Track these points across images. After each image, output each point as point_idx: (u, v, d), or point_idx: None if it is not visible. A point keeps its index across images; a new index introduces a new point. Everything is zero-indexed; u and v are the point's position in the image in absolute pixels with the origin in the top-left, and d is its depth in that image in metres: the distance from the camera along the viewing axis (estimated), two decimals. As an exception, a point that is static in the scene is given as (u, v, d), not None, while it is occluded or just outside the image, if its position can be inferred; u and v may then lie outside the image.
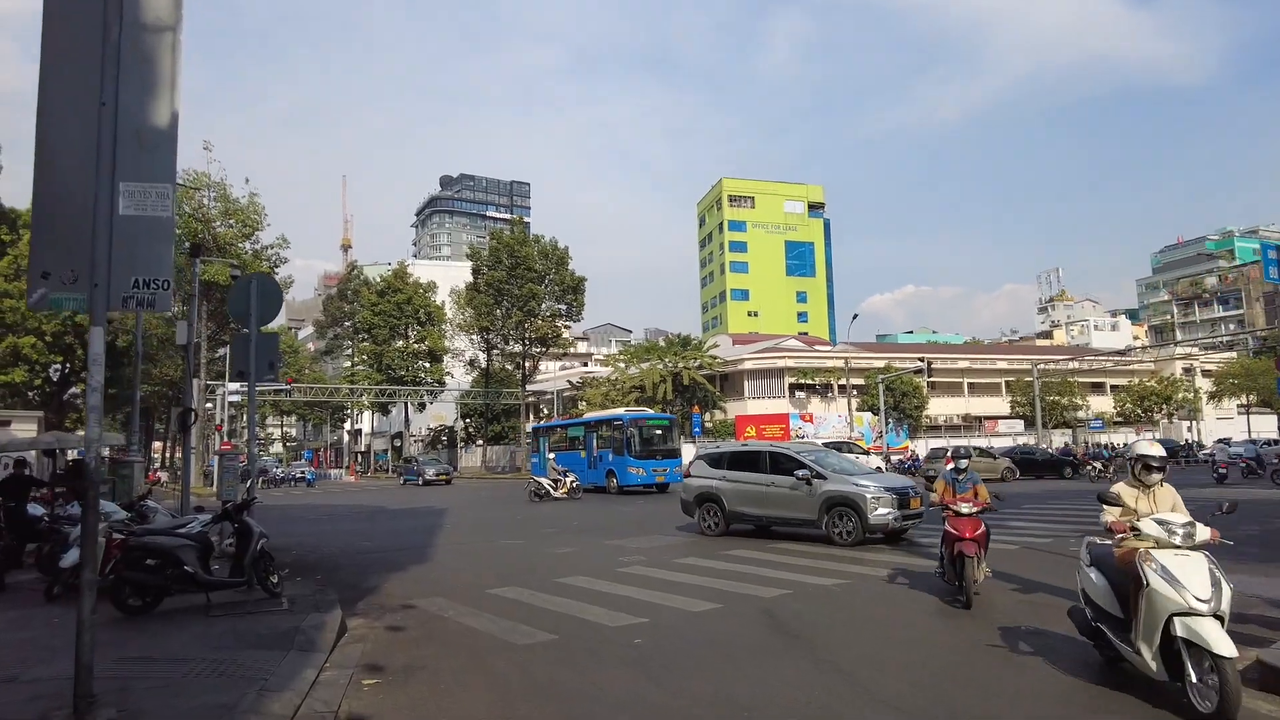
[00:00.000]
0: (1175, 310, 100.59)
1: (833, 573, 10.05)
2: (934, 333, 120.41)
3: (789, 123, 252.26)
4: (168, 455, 60.86)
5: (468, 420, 70.75)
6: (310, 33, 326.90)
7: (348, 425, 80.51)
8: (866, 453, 31.63)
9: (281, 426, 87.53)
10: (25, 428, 41.66)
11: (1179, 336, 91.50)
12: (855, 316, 44.26)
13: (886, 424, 51.06)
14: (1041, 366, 50.83)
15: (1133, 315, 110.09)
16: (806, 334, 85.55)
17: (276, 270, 46.87)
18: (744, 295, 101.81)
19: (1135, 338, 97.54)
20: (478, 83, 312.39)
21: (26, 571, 10.61)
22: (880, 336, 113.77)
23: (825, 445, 28.13)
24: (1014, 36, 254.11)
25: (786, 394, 54.63)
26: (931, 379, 55.15)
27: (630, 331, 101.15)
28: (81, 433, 6.79)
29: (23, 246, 47.60)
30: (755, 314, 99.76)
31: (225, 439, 42.37)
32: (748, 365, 55.39)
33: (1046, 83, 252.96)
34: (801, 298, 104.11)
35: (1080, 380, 60.44)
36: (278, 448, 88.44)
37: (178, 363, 46.89)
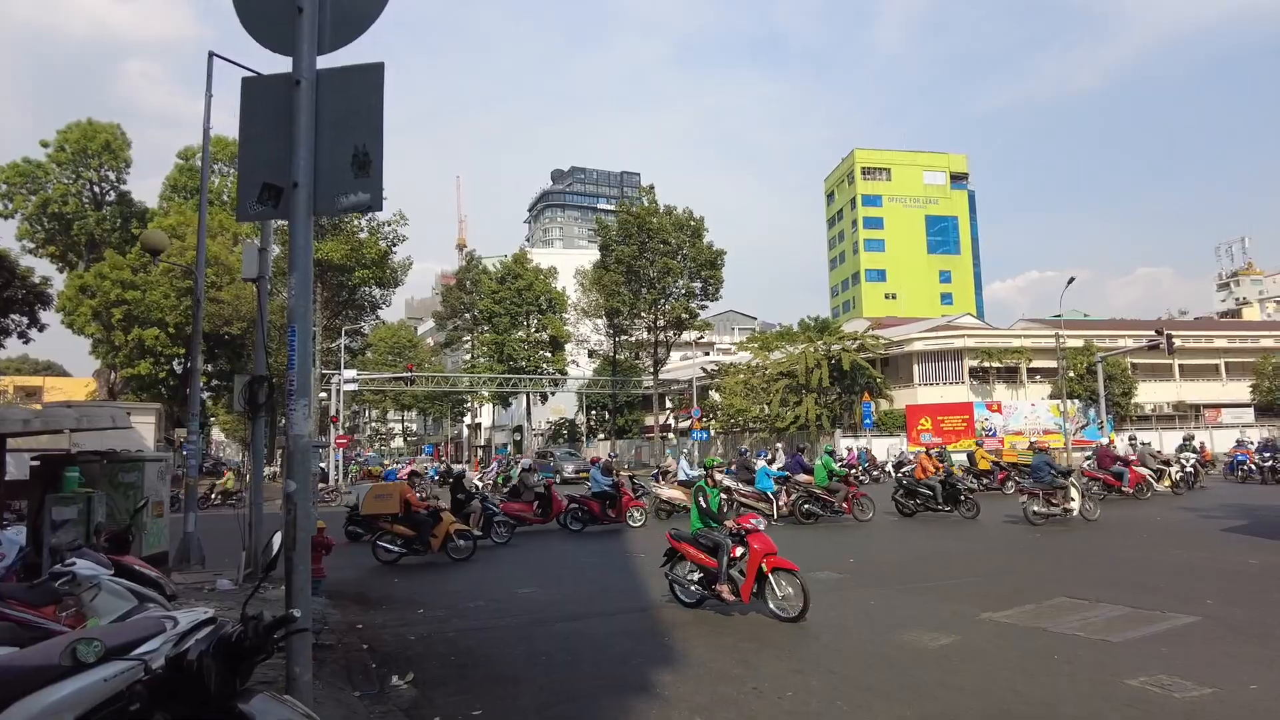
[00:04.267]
0: None
1: None
2: (1086, 315, 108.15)
3: (905, 105, 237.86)
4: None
5: (592, 413, 66.48)
6: (420, 40, 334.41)
7: (468, 419, 77.91)
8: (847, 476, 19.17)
9: (402, 421, 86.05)
10: (144, 419, 39.83)
11: None
12: (1071, 280, 36.36)
13: (1092, 414, 42.98)
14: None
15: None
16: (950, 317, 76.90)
17: (395, 249, 43.52)
18: (880, 276, 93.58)
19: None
20: (584, 78, 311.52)
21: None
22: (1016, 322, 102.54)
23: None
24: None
25: (966, 379, 47.09)
26: (1138, 360, 46.51)
27: (755, 319, 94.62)
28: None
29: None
30: (893, 296, 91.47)
31: (341, 431, 39.10)
32: (917, 346, 48.16)
33: (1181, 43, 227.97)
34: (945, 277, 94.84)
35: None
36: (399, 442, 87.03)
37: (296, 351, 44.28)
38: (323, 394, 40.91)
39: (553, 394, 63.44)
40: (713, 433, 49.68)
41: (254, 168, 3.41)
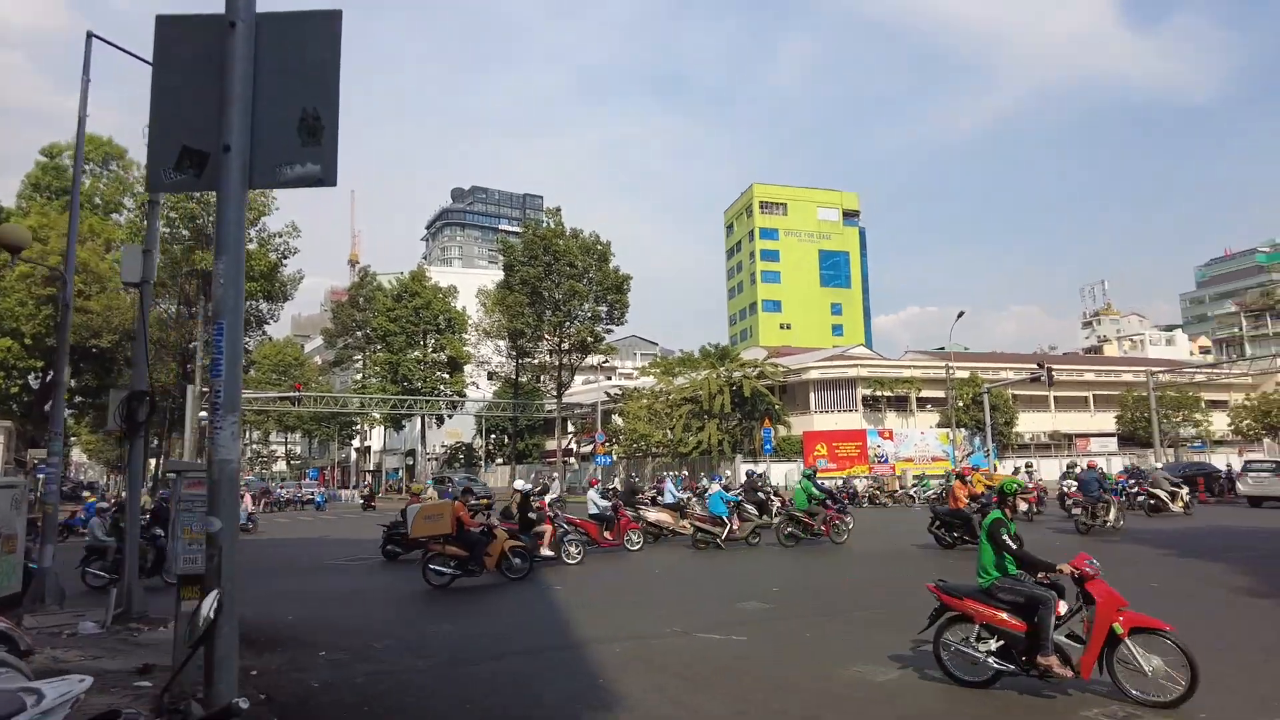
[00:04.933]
0: (1245, 322, 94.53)
1: None
2: (966, 348, 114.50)
3: (798, 143, 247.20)
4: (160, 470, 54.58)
5: (491, 436, 64.85)
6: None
7: (356, 442, 74.58)
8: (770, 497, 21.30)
9: (285, 444, 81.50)
10: (-11, 440, 35.99)
11: (1249, 351, 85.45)
12: (961, 314, 38.15)
13: (978, 441, 45.11)
14: (1160, 377, 44.73)
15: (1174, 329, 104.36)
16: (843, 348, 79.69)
17: (285, 262, 41.25)
18: (776, 306, 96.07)
19: (1192, 353, 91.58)
20: (485, 102, 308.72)
21: None
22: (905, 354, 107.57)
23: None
24: (1017, 53, 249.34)
25: (859, 407, 48.54)
26: (1018, 391, 49.22)
27: (656, 344, 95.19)
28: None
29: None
30: (788, 326, 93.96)
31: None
32: (813, 375, 49.41)
33: (1050, 100, 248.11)
34: (837, 309, 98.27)
35: (1171, 394, 54.37)
36: (281, 465, 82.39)
37: (172, 367, 41.21)
38: (202, 413, 38.04)
39: (450, 417, 61.50)
40: (615, 457, 49.30)
41: (171, 128, 2.78)
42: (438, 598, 12.12)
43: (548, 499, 19.36)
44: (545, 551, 14.89)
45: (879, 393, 48.95)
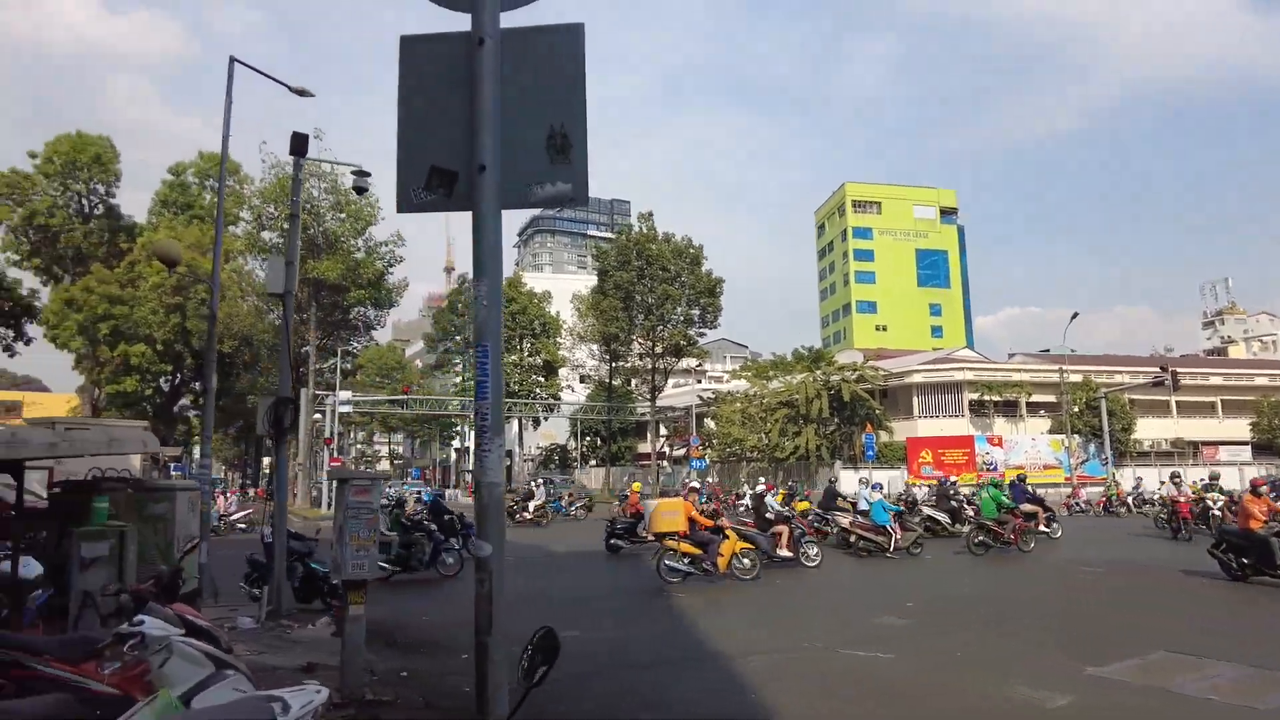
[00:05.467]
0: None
1: None
2: (1073, 350, 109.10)
3: (883, 143, 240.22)
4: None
5: (585, 439, 65.60)
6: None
7: (456, 442, 76.75)
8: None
9: (389, 444, 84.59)
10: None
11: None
12: (1075, 316, 36.29)
13: (1093, 449, 42.84)
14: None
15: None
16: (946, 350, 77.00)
17: (391, 270, 42.78)
18: (871, 308, 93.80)
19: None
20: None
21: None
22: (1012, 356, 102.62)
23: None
24: (1120, 41, 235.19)
25: (966, 412, 46.77)
26: (1135, 396, 46.48)
27: (746, 347, 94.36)
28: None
29: (138, 252, 45.53)
30: (884, 328, 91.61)
31: (335, 454, 38.05)
32: (916, 378, 47.87)
33: (1158, 88, 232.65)
34: (935, 310, 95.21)
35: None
36: (384, 464, 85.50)
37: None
38: (316, 414, 39.90)
39: (545, 419, 62.63)
40: (709, 461, 49.02)
41: (418, 148, 2.78)
42: (580, 602, 12.09)
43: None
44: (783, 552, 14.66)
45: (986, 397, 47.01)
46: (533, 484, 34.03)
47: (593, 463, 64.82)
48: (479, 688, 2.41)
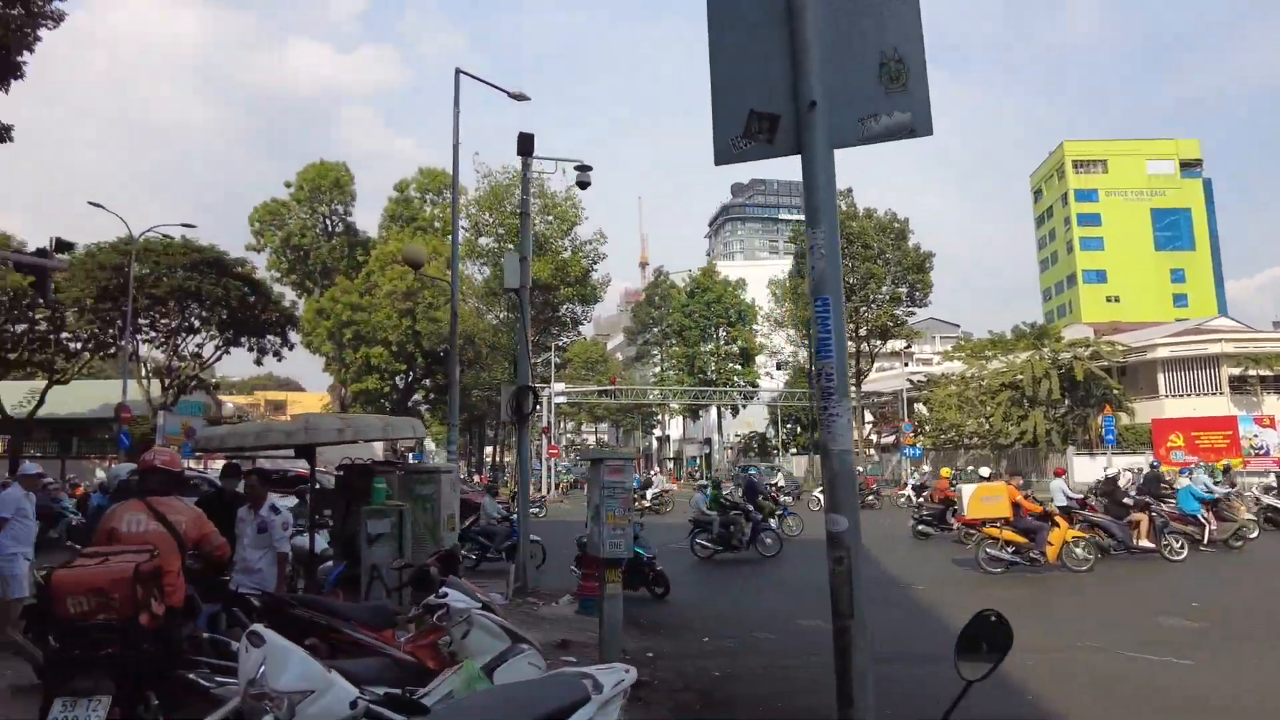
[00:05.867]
0: None
1: None
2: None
3: (1099, 96, 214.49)
4: (499, 458, 61.55)
5: (785, 427, 64.66)
6: (597, 58, 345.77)
7: (657, 431, 78.50)
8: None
9: (595, 433, 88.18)
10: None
11: None
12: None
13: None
14: None
15: None
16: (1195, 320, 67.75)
17: (595, 268, 44.35)
18: (1099, 277, 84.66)
19: None
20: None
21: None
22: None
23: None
24: None
25: (1225, 389, 40.99)
26: None
27: (958, 326, 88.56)
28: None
29: (372, 264, 50.57)
30: (1116, 299, 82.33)
31: (552, 443, 40.12)
32: (1162, 353, 42.60)
33: None
34: (1178, 276, 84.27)
35: None
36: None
37: (505, 365, 46.04)
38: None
39: (744, 407, 62.37)
40: (924, 448, 46.45)
41: (733, 94, 2.60)
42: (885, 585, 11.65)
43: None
44: (1143, 543, 13.46)
45: (1251, 371, 40.86)
46: (651, 473, 34.41)
47: (793, 450, 63.72)
48: (840, 677, 2.18)
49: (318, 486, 8.14)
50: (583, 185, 11.46)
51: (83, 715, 3.55)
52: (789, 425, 63.36)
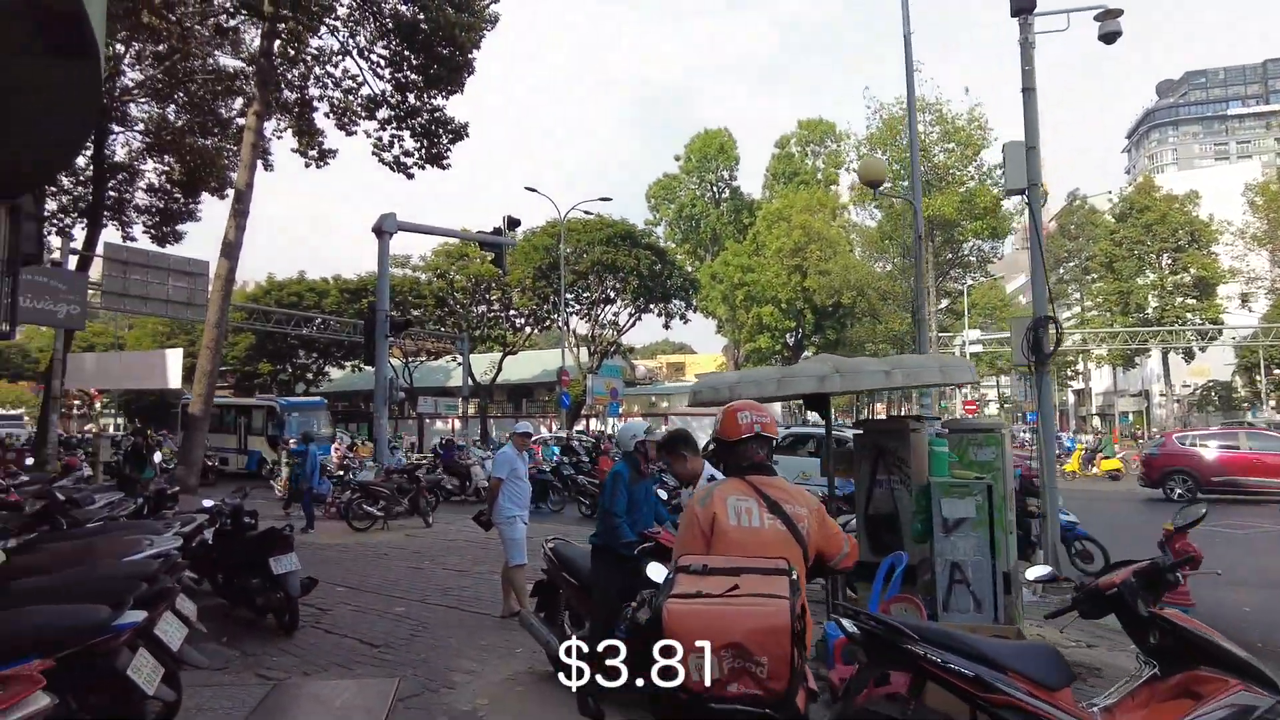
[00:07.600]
0: None
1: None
2: None
3: None
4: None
5: (1256, 375, 51.75)
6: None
7: (1076, 383, 68.62)
8: None
9: (997, 387, 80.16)
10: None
11: None
12: None
13: None
14: None
15: None
16: None
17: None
18: None
19: None
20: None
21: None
22: None
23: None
24: None
25: None
26: None
27: None
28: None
29: (759, 224, 50.83)
30: None
31: (967, 398, 36.57)
32: None
33: None
34: None
35: None
36: (992, 409, 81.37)
37: (903, 317, 43.11)
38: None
39: (1202, 350, 51.07)
40: None
41: None
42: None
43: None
44: None
45: None
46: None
47: (1273, 404, 50.65)
48: None
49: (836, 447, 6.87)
50: (1108, 39, 8.84)
51: None
52: (1257, 373, 50.68)
